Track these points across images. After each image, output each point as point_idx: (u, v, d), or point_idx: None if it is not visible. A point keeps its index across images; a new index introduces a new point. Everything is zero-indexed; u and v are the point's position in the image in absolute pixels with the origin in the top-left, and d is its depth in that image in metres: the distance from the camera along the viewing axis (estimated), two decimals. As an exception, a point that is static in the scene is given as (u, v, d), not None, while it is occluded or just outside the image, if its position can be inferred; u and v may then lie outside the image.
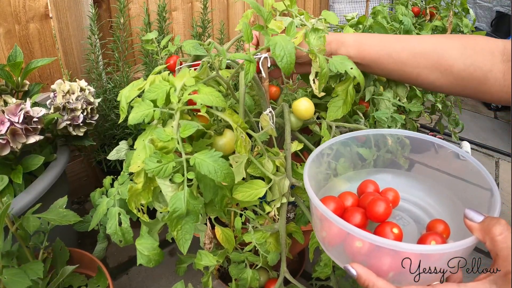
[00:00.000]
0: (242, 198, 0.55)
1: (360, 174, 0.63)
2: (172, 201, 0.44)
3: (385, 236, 0.48)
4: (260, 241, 0.62)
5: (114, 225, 0.60)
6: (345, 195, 0.56)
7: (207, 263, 0.60)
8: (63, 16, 0.93)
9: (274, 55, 0.51)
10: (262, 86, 0.61)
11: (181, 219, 0.45)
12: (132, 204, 0.48)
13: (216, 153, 0.44)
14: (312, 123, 0.72)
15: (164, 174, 0.43)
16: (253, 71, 0.49)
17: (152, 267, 0.54)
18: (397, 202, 0.58)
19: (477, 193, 0.54)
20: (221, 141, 0.54)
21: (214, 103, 0.46)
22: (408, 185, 0.63)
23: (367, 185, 0.59)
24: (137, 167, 0.46)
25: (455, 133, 1.55)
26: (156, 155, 0.43)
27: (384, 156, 0.63)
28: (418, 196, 0.61)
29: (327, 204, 0.51)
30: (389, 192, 0.58)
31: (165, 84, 0.47)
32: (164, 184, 0.46)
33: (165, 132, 0.44)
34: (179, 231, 0.45)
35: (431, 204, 0.60)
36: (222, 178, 0.44)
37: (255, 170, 0.57)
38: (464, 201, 0.56)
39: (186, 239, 0.46)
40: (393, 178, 0.64)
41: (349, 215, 0.51)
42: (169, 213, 0.44)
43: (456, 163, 0.60)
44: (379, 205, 0.50)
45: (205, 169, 0.43)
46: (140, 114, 0.45)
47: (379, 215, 0.50)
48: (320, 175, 0.59)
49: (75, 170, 1.12)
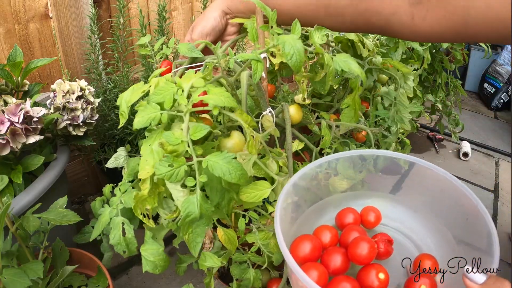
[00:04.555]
0: (247, 199, 0.54)
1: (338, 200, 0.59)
2: (184, 206, 0.43)
3: (370, 282, 0.44)
4: (264, 242, 0.62)
5: (118, 236, 0.58)
6: (322, 230, 0.51)
7: (211, 264, 0.60)
8: (63, 16, 0.93)
9: (283, 54, 0.51)
10: (262, 86, 0.61)
11: (193, 223, 0.44)
12: (138, 210, 0.48)
13: (229, 155, 0.44)
14: (309, 123, 0.72)
15: (176, 178, 0.42)
16: (261, 71, 0.49)
17: (158, 273, 0.53)
18: (379, 221, 0.55)
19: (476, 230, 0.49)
20: (230, 143, 0.53)
21: (225, 103, 0.45)
22: (392, 209, 0.59)
23: (346, 215, 0.54)
24: (146, 173, 0.45)
25: (455, 133, 1.55)
26: (167, 159, 0.42)
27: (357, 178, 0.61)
28: (400, 220, 0.58)
29: (303, 246, 0.47)
30: (371, 213, 0.55)
31: (172, 86, 0.46)
32: (175, 189, 0.45)
33: (174, 135, 0.43)
34: (190, 234, 0.45)
35: (416, 230, 0.56)
36: (237, 179, 0.43)
37: (259, 170, 0.57)
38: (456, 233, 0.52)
39: (197, 241, 0.46)
40: (373, 202, 0.60)
41: (329, 258, 0.47)
42: (182, 217, 0.43)
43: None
44: (362, 247, 0.45)
45: (219, 171, 0.42)
46: (146, 117, 0.44)
47: (363, 258, 0.45)
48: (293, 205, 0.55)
49: (75, 170, 1.12)
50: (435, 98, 1.41)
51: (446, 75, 1.43)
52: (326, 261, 0.47)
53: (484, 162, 1.62)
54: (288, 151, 0.62)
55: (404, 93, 0.80)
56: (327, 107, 0.89)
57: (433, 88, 1.42)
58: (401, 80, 0.80)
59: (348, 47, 0.81)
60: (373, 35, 1.05)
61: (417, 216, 0.57)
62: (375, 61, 0.79)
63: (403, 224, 0.57)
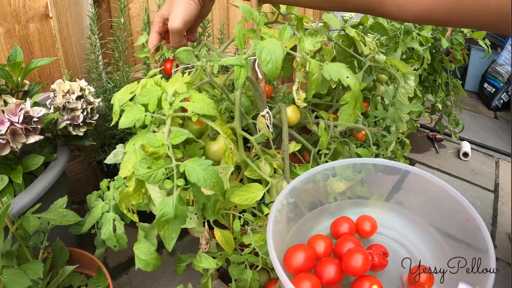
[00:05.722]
0: (240, 202, 0.55)
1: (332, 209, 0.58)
2: (160, 206, 0.44)
3: None
4: (259, 243, 0.62)
5: (108, 231, 0.60)
6: (316, 239, 0.51)
7: (206, 265, 0.60)
8: (63, 16, 0.93)
9: (259, 59, 0.49)
10: (259, 87, 0.60)
11: (168, 222, 0.45)
12: (122, 205, 0.49)
13: (206, 162, 0.44)
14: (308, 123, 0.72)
15: (154, 180, 0.43)
16: (243, 76, 0.48)
17: (150, 271, 0.54)
18: (375, 231, 0.55)
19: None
20: (214, 147, 0.54)
21: (205, 111, 0.46)
22: (388, 218, 0.58)
23: (341, 224, 0.54)
24: (127, 171, 0.46)
25: (455, 133, 1.55)
26: (147, 161, 0.43)
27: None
28: (396, 229, 0.57)
29: (296, 257, 0.46)
30: (366, 222, 0.54)
31: (157, 89, 0.47)
32: (154, 190, 0.46)
33: (156, 137, 0.44)
34: (166, 230, 0.46)
35: (411, 239, 0.55)
36: (211, 187, 0.44)
37: (253, 173, 0.57)
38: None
39: (172, 237, 0.47)
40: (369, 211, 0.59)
41: (322, 269, 0.46)
42: (157, 217, 0.44)
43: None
44: (357, 259, 0.45)
45: (194, 177, 0.43)
46: (131, 118, 0.45)
47: (357, 270, 0.45)
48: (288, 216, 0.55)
49: (75, 170, 1.12)
50: (435, 98, 1.41)
51: (446, 75, 1.43)
52: (320, 271, 0.47)
53: (484, 162, 1.62)
54: (284, 153, 0.61)
55: (405, 92, 0.80)
56: (327, 107, 0.89)
57: (433, 88, 1.42)
58: (401, 80, 0.79)
59: (350, 44, 0.81)
60: (373, 35, 1.05)
61: (413, 225, 0.57)
62: (377, 59, 0.79)
63: (399, 233, 0.57)
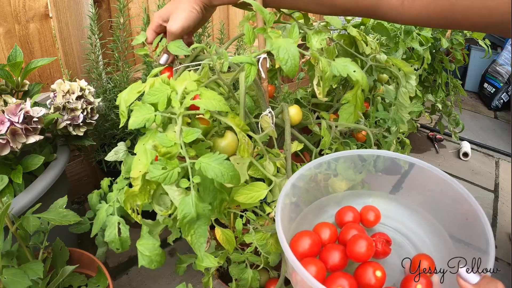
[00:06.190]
0: (244, 200, 0.54)
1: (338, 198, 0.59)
2: (181, 207, 0.43)
3: (367, 280, 0.45)
4: (261, 242, 0.62)
5: (113, 234, 0.59)
6: (321, 227, 0.52)
7: (208, 264, 0.60)
8: (63, 16, 0.93)
9: (277, 59, 0.50)
10: (262, 86, 0.61)
11: (193, 224, 0.44)
12: (128, 205, 0.48)
13: (221, 156, 0.43)
14: (309, 123, 0.72)
15: (170, 180, 0.42)
16: (254, 74, 0.49)
17: (154, 268, 0.53)
18: (378, 220, 0.55)
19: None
20: (223, 143, 0.53)
21: (217, 107, 0.45)
22: (392, 209, 0.59)
23: (345, 213, 0.55)
24: (138, 172, 0.45)
25: (455, 133, 1.55)
26: (161, 162, 0.42)
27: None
28: (399, 220, 0.58)
29: (302, 242, 0.47)
30: (370, 212, 0.55)
31: (166, 88, 0.46)
32: (171, 189, 0.45)
33: (167, 137, 0.43)
34: (193, 236, 0.45)
35: (414, 230, 0.56)
36: (229, 180, 0.43)
37: (256, 171, 0.57)
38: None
39: (201, 242, 0.46)
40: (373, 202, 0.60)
41: (327, 254, 0.47)
42: (180, 218, 0.43)
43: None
44: (361, 245, 0.46)
45: (211, 173, 0.42)
46: (141, 118, 0.44)
47: (361, 256, 0.46)
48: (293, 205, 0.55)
49: (75, 170, 1.12)
50: (435, 98, 1.42)
51: (446, 75, 1.43)
52: (325, 257, 0.48)
53: (484, 162, 1.62)
54: (287, 152, 0.62)
55: (407, 92, 0.80)
56: (327, 107, 0.88)
57: (433, 88, 1.42)
58: (403, 80, 0.79)
59: (351, 44, 0.81)
60: (373, 35, 1.05)
61: (416, 216, 0.57)
62: (379, 58, 0.79)
63: (402, 224, 0.58)
